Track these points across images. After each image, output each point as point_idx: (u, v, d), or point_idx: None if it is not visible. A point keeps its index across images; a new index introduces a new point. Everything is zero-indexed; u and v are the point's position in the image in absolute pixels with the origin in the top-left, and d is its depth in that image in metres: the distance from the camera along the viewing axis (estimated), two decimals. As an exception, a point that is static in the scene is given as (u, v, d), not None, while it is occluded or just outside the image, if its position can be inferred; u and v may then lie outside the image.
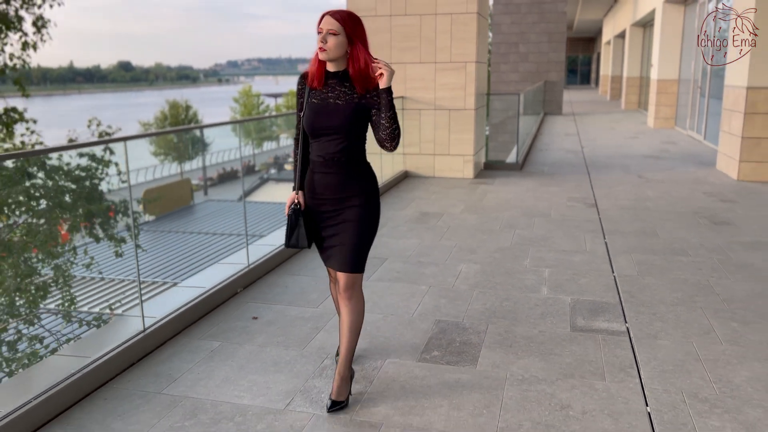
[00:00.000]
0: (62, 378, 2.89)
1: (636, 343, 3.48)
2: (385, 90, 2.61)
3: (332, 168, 2.71)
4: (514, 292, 4.28)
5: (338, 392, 2.81)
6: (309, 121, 2.68)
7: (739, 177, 8.31)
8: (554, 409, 2.80)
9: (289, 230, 2.80)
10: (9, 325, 5.54)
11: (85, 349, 3.41)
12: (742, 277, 4.52)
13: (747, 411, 2.77)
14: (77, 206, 7.03)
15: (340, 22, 2.57)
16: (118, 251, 7.23)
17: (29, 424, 2.65)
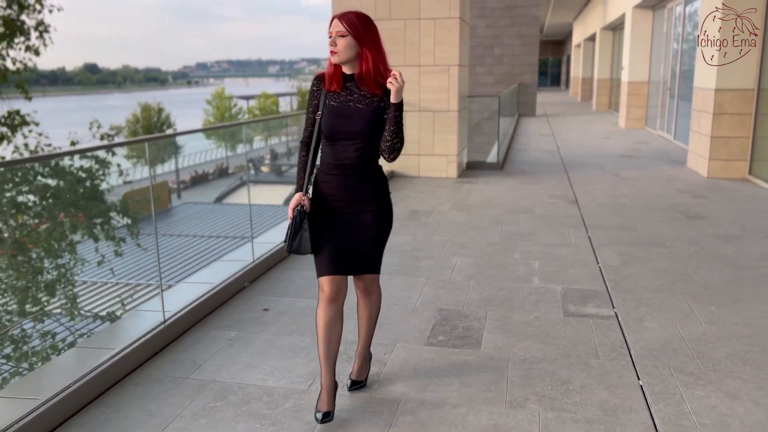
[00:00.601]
0: (92, 367, 3.05)
1: (624, 326, 3.76)
2: (393, 105, 2.57)
3: (348, 171, 2.68)
4: (508, 283, 4.54)
5: (359, 372, 3.00)
6: (329, 124, 2.64)
7: (708, 174, 8.72)
8: (555, 384, 3.06)
9: (293, 234, 2.67)
10: (24, 321, 5.66)
11: (106, 342, 3.58)
12: (717, 266, 4.85)
13: (728, 382, 3.06)
14: (89, 206, 7.13)
15: (348, 24, 2.55)
16: (117, 251, 7.34)
17: (70, 406, 2.82)
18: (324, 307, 2.72)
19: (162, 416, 2.81)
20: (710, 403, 2.87)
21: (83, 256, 7.30)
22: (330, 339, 2.71)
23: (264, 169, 30.93)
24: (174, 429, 2.70)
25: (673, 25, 13.94)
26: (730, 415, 2.77)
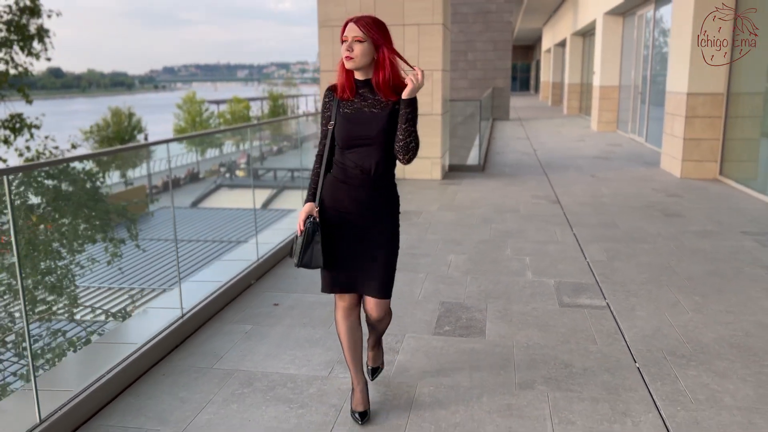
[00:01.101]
0: (120, 359, 3.19)
1: (617, 315, 4.01)
2: (405, 101, 2.48)
3: (365, 181, 2.59)
4: (503, 277, 4.77)
5: (374, 359, 3.07)
6: (344, 131, 2.56)
7: (682, 175, 9.10)
8: (559, 367, 3.29)
9: (304, 246, 2.58)
10: (45, 322, 5.74)
11: (127, 338, 3.71)
12: (697, 260, 5.15)
13: (716, 363, 3.32)
14: (98, 207, 7.21)
15: (365, 29, 2.46)
16: (117, 252, 7.39)
17: (106, 395, 2.95)
18: (343, 316, 2.76)
19: (194, 402, 2.96)
20: (702, 381, 3.12)
21: (94, 256, 7.37)
22: (355, 343, 2.77)
23: (239, 173, 30.88)
24: (207, 413, 2.86)
25: (643, 31, 14.41)
26: (721, 391, 3.02)
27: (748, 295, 4.32)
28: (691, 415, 2.81)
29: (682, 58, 8.95)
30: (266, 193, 23.76)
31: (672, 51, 9.56)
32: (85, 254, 7.15)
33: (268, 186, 25.58)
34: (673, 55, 9.46)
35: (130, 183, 9.56)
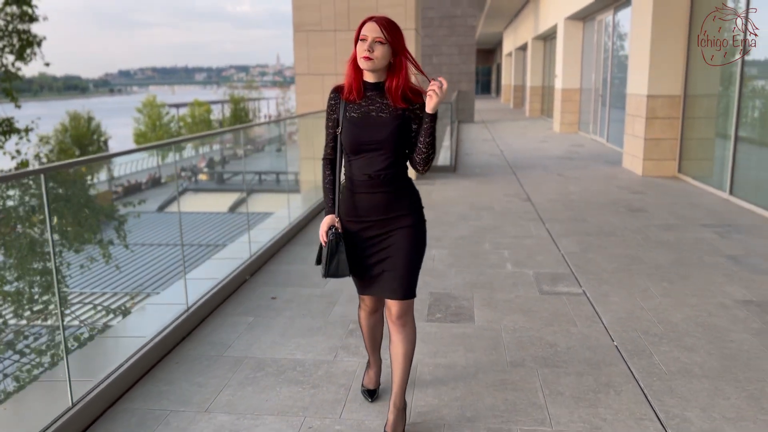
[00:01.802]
0: (135, 350, 3.36)
1: (593, 300, 4.33)
2: (428, 116, 2.41)
3: (378, 187, 2.51)
4: (485, 269, 5.06)
5: (394, 425, 2.66)
6: (351, 136, 2.48)
7: (643, 173, 9.56)
8: (545, 347, 3.58)
9: (329, 258, 2.52)
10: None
11: (136, 331, 3.87)
12: (663, 251, 5.52)
13: (685, 340, 3.65)
14: (95, 209, 7.31)
15: (386, 31, 2.39)
16: (106, 253, 7.45)
17: (126, 383, 3.13)
18: (366, 315, 2.84)
19: (211, 386, 3.16)
20: (674, 356, 3.44)
21: (93, 256, 7.45)
22: (375, 336, 2.91)
23: (202, 177, 30.72)
24: (226, 395, 3.06)
25: (602, 35, 14.97)
26: (690, 363, 3.35)
27: (710, 280, 4.70)
28: (665, 384, 3.13)
29: (642, 61, 9.43)
30: (234, 196, 23.73)
31: (632, 55, 10.04)
32: (84, 254, 7.24)
33: (236, 189, 25.54)
34: (633, 58, 9.93)
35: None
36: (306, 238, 6.21)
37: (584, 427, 2.75)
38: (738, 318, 3.96)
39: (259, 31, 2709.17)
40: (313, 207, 7.25)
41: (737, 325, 3.86)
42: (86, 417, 2.80)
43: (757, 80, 7.46)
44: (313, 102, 9.42)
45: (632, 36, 10.07)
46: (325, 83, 9.49)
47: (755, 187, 7.29)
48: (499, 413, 2.88)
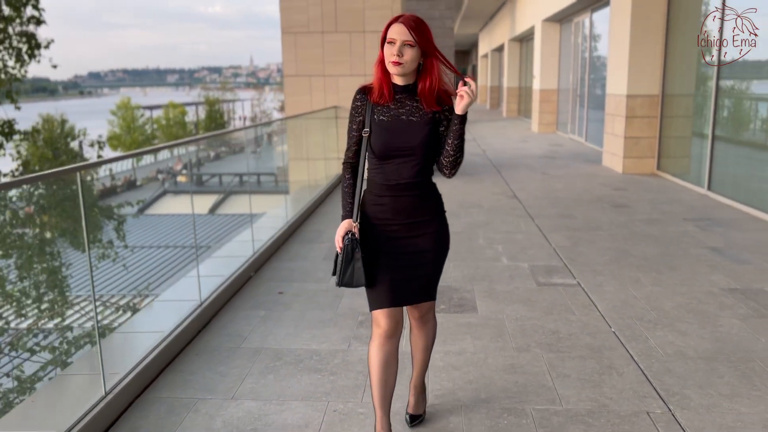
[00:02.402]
0: (155, 343, 3.47)
1: (588, 291, 4.53)
2: (458, 117, 2.33)
3: (403, 191, 2.44)
4: (482, 263, 5.24)
5: (416, 406, 2.83)
6: (382, 141, 2.39)
7: (623, 170, 9.85)
8: (548, 334, 3.77)
9: (344, 265, 2.41)
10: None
11: (152, 326, 3.97)
12: (649, 243, 5.76)
13: (678, 325, 3.87)
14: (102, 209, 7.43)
15: (416, 33, 2.28)
16: (105, 253, 7.49)
17: (150, 373, 3.24)
18: (379, 345, 2.50)
19: (233, 375, 3.28)
20: (668, 340, 3.65)
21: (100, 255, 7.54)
22: (387, 381, 2.51)
23: (181, 178, 30.50)
24: (249, 383, 3.19)
25: (579, 37, 15.30)
26: (684, 346, 3.56)
27: (696, 270, 4.93)
28: (663, 365, 3.33)
29: (621, 62, 9.72)
30: (213, 197, 23.69)
31: (611, 56, 10.33)
32: (94, 252, 7.31)
33: (215, 191, 25.49)
34: (612, 59, 10.22)
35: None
36: (303, 237, 6.34)
37: (593, 406, 2.94)
38: (725, 304, 4.19)
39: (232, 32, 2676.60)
40: (308, 205, 7.37)
41: (725, 311, 4.09)
42: (119, 405, 2.91)
43: (731, 80, 7.77)
44: (302, 103, 9.55)
45: (611, 37, 10.36)
46: (313, 84, 9.63)
47: (732, 183, 7.59)
48: (512, 395, 3.05)
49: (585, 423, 2.80)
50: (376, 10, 9.29)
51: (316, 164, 8.80)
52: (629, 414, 2.87)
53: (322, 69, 9.49)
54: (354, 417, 2.87)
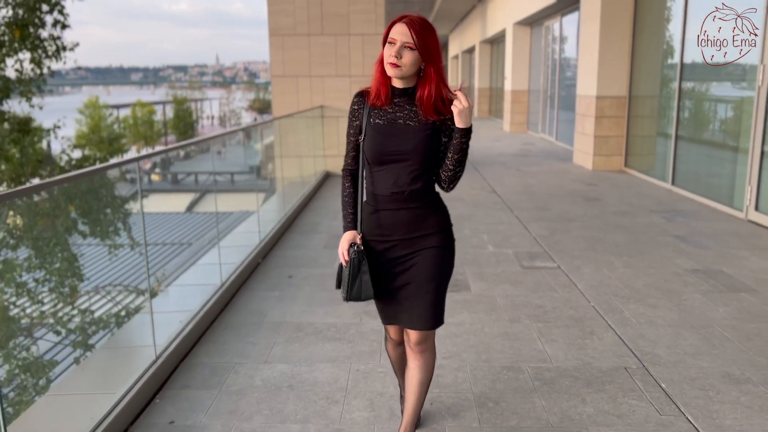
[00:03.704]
0: (189, 318, 3.86)
1: (568, 272, 5.04)
2: (459, 131, 2.21)
3: (402, 203, 2.31)
4: (470, 250, 5.72)
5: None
6: (375, 145, 2.28)
7: (593, 167, 10.46)
8: (535, 308, 4.26)
9: (351, 279, 2.31)
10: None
11: (178, 307, 4.36)
12: (620, 233, 6.31)
13: (648, 299, 4.39)
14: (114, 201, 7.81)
15: (418, 36, 2.16)
16: (113, 245, 7.77)
17: (188, 343, 3.64)
18: (393, 346, 2.65)
19: (262, 344, 3.70)
20: (640, 311, 4.17)
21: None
22: (405, 365, 2.60)
23: (155, 177, 30.52)
24: (278, 350, 3.61)
25: (549, 40, 15.94)
26: (654, 316, 4.08)
27: (663, 255, 5.48)
28: (637, 331, 3.85)
29: (591, 65, 10.32)
30: (190, 196, 23.84)
31: (581, 59, 10.93)
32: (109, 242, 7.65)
33: (192, 190, 25.62)
34: (582, 62, 10.82)
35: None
36: (300, 228, 6.75)
37: (579, 363, 3.43)
38: (688, 282, 4.74)
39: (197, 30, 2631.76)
40: (301, 200, 7.77)
41: (688, 287, 4.63)
42: (167, 368, 3.31)
43: (692, 82, 8.40)
44: (289, 103, 9.93)
45: (581, 42, 10.96)
46: (300, 85, 10.02)
47: (694, 179, 8.22)
48: (509, 356, 3.53)
49: (572, 377, 3.28)
50: (361, 14, 9.72)
51: (304, 161, 9.19)
52: (610, 369, 3.36)
53: (309, 70, 9.89)
54: (375, 374, 3.32)
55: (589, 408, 2.97)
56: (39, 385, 5.03)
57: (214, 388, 3.19)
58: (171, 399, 3.10)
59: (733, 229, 6.36)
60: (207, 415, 2.93)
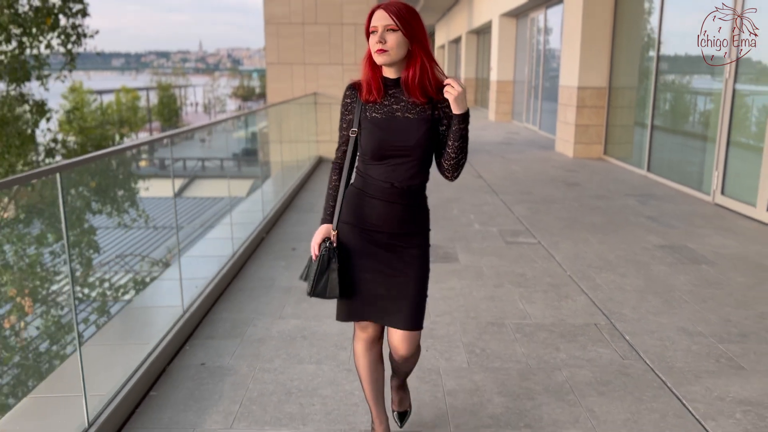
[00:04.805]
0: (208, 281, 4.29)
1: (547, 247, 5.53)
2: (457, 117, 2.17)
3: (397, 197, 2.26)
4: (459, 228, 6.19)
5: (400, 403, 2.71)
6: (375, 140, 2.21)
7: (574, 155, 10.97)
8: (516, 276, 4.74)
9: (318, 275, 2.26)
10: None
11: (195, 274, 4.78)
12: (597, 214, 6.81)
13: (618, 269, 4.89)
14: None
15: (397, 16, 2.11)
16: (121, 222, 8.15)
17: (209, 301, 4.07)
18: (364, 349, 2.43)
19: (275, 304, 4.14)
20: (611, 279, 4.67)
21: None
22: (377, 380, 2.47)
23: (142, 163, 30.59)
24: (289, 309, 4.06)
25: (534, 32, 16.42)
26: (623, 283, 4.58)
27: (634, 233, 5.99)
28: (606, 295, 4.34)
29: (573, 57, 10.80)
30: (179, 182, 24.08)
31: (564, 51, 11.41)
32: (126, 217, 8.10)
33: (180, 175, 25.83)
34: (565, 54, 11.31)
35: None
36: (299, 208, 7.18)
37: (555, 320, 3.91)
38: (656, 256, 5.25)
39: (180, 15, 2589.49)
40: (297, 182, 8.20)
41: (655, 260, 5.14)
42: (194, 321, 3.74)
43: (669, 75, 8.91)
44: (283, 89, 10.32)
45: (564, 34, 11.43)
46: (294, 71, 10.41)
47: (667, 166, 8.75)
48: (493, 314, 4.00)
49: (549, 330, 3.77)
50: (353, 4, 10.11)
51: (298, 146, 9.59)
52: (582, 324, 3.85)
53: (303, 58, 10.28)
54: (377, 329, 3.77)
55: (563, 354, 3.46)
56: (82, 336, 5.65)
57: (237, 337, 3.64)
58: (199, 347, 3.54)
59: (700, 211, 6.89)
60: (233, 358, 3.37)
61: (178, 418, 2.82)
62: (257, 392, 3.03)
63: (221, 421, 2.79)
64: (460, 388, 3.09)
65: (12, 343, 6.29)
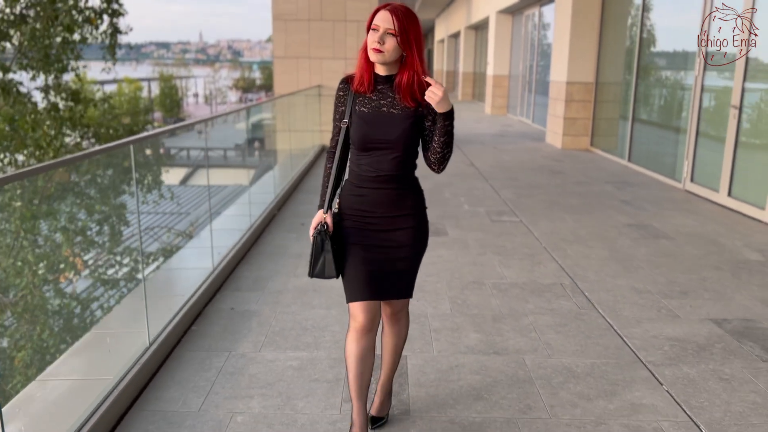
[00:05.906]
0: (232, 245, 4.98)
1: (527, 224, 6.23)
2: (442, 115, 2.29)
3: (384, 183, 2.42)
4: (450, 209, 6.89)
5: (380, 408, 2.79)
6: (360, 133, 2.37)
7: (562, 146, 11.65)
8: (500, 248, 5.44)
9: (314, 257, 2.43)
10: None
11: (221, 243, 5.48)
12: (576, 197, 7.51)
13: (589, 243, 5.59)
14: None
15: (400, 23, 2.24)
16: (144, 200, 8.87)
17: (234, 260, 4.77)
18: (356, 338, 2.46)
19: (289, 265, 4.85)
20: (579, 250, 5.37)
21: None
22: (363, 373, 2.50)
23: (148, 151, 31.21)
24: (302, 270, 4.75)
25: (529, 29, 17.07)
26: (591, 254, 5.28)
27: (608, 215, 6.69)
28: (573, 262, 5.04)
29: (563, 53, 11.47)
30: (183, 171, 24.78)
31: (555, 47, 12.07)
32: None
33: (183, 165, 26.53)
34: (556, 50, 11.97)
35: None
36: (307, 189, 7.88)
37: (527, 280, 4.62)
38: (623, 232, 5.95)
39: (180, 6, 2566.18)
40: (303, 168, 8.88)
41: (622, 236, 5.84)
42: (221, 277, 4.44)
43: (647, 70, 9.59)
44: (290, 81, 10.99)
45: (555, 30, 12.10)
46: (300, 65, 11.08)
47: (645, 156, 9.44)
48: (475, 275, 4.71)
49: (521, 288, 4.47)
50: (357, 1, 10.78)
51: (304, 135, 10.27)
52: (549, 284, 4.56)
53: (308, 52, 10.94)
54: (376, 285, 4.48)
55: (531, 305, 4.16)
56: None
57: (258, 290, 4.34)
58: (228, 296, 4.24)
59: (671, 197, 7.59)
60: (257, 305, 4.08)
61: (217, 345, 3.52)
62: (279, 328, 3.74)
63: (251, 348, 3.49)
64: (443, 327, 3.79)
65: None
